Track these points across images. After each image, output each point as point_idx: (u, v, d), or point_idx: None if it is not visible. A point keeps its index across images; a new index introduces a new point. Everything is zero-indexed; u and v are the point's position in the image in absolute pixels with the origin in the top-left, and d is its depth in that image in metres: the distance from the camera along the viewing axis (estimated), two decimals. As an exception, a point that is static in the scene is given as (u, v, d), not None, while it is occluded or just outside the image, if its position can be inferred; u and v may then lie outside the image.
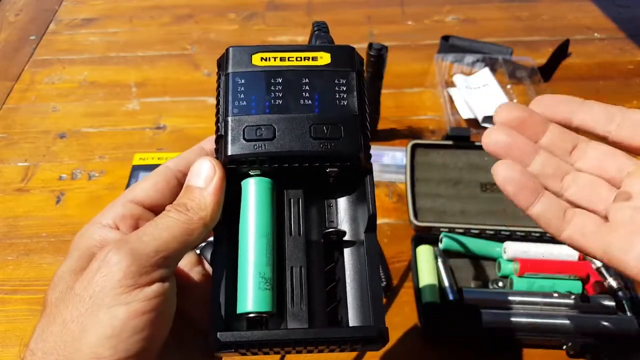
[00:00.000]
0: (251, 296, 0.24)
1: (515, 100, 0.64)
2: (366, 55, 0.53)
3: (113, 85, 0.70)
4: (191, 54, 0.75)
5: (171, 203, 0.25)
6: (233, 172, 0.25)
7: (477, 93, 0.64)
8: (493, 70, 0.67)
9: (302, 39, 0.76)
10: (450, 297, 0.46)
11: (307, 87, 0.26)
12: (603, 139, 0.26)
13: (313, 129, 0.25)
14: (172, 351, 0.24)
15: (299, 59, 0.27)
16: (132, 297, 0.21)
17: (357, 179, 0.26)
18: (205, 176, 0.25)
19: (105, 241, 0.24)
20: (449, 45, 0.71)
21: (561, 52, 0.70)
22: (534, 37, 0.77)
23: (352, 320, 0.26)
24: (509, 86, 0.66)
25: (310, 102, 0.26)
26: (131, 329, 0.20)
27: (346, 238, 0.27)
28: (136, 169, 0.57)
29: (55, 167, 0.59)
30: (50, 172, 0.59)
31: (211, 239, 0.26)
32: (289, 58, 0.27)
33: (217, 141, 0.26)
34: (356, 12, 0.81)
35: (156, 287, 0.21)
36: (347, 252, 0.27)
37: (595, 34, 0.77)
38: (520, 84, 0.67)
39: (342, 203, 0.28)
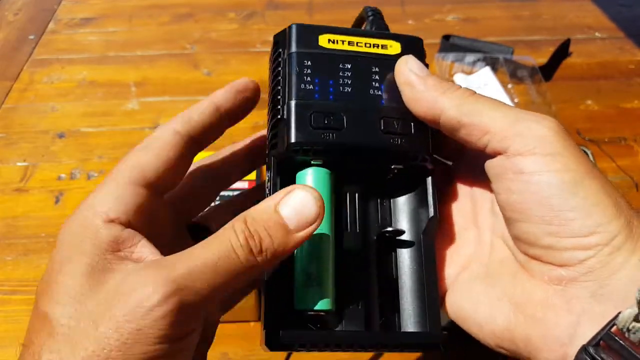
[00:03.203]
0: (311, 293, 0.23)
1: (516, 100, 0.64)
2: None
3: (112, 84, 0.70)
4: (191, 53, 0.75)
5: (184, 178, 0.23)
6: (291, 158, 0.24)
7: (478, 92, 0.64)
8: (494, 69, 0.67)
9: (302, 38, 0.76)
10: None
11: (376, 77, 0.25)
12: None
13: (384, 122, 0.24)
14: None
15: (368, 45, 0.25)
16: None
17: (417, 176, 0.25)
18: (303, 218, 0.20)
19: (120, 245, 0.20)
20: (449, 44, 0.71)
21: (562, 51, 0.70)
22: (534, 36, 0.76)
23: (407, 322, 0.25)
24: (510, 85, 0.66)
25: (379, 92, 0.24)
26: None
27: (403, 237, 0.26)
28: (136, 169, 0.57)
29: (54, 167, 0.59)
30: (49, 172, 0.59)
31: None
32: (357, 43, 0.25)
33: (274, 125, 0.24)
34: (357, 11, 0.81)
35: (187, 340, 0.19)
36: (404, 250, 0.26)
37: (596, 34, 0.77)
38: (521, 83, 0.67)
39: (401, 198, 0.27)
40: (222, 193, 0.29)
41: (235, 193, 0.37)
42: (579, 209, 0.20)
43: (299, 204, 0.20)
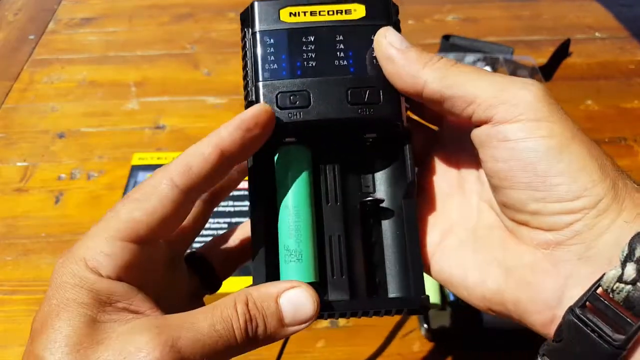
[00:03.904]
0: (293, 268, 0.23)
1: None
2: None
3: (112, 84, 0.70)
4: (191, 53, 0.75)
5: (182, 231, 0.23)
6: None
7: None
8: (494, 69, 0.67)
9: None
10: (451, 297, 0.46)
11: (341, 46, 0.24)
12: None
13: (350, 94, 0.24)
14: None
15: (330, 12, 0.25)
16: None
17: (395, 143, 0.26)
18: (299, 316, 0.21)
19: (118, 297, 0.20)
20: (449, 44, 0.71)
21: (562, 51, 0.70)
22: (535, 36, 0.76)
23: (391, 286, 0.25)
24: (509, 86, 0.66)
25: (345, 62, 0.24)
26: None
27: (384, 205, 0.26)
28: (135, 169, 0.57)
29: (54, 167, 0.59)
30: (49, 172, 0.59)
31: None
32: (320, 12, 0.25)
33: (247, 108, 0.24)
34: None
35: None
36: (385, 218, 0.26)
37: (596, 34, 0.77)
38: (521, 83, 0.67)
39: (380, 168, 0.27)
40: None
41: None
42: (564, 174, 0.20)
43: (298, 302, 0.21)
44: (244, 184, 0.31)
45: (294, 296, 0.21)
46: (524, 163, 0.21)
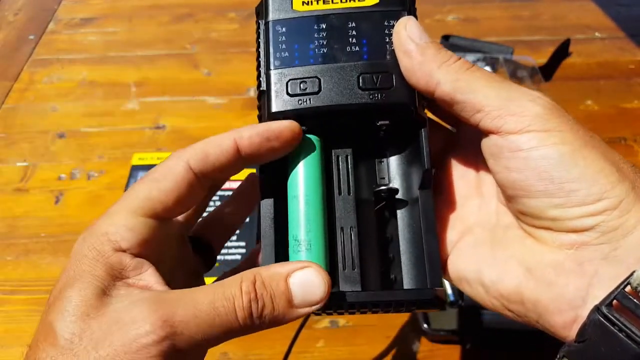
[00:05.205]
0: (301, 258, 0.23)
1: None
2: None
3: (112, 84, 0.70)
4: (191, 53, 0.75)
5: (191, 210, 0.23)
6: None
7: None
8: (494, 69, 0.67)
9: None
10: (451, 297, 0.46)
11: (353, 32, 0.24)
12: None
13: (361, 79, 0.23)
14: None
15: (343, 0, 0.24)
16: None
17: (410, 131, 0.25)
18: (309, 298, 0.20)
19: (130, 272, 0.21)
20: (449, 44, 0.71)
21: (562, 51, 0.70)
22: (534, 36, 0.76)
23: (407, 280, 0.25)
24: (509, 86, 0.66)
25: (357, 48, 0.24)
26: None
27: (399, 196, 0.26)
28: (135, 169, 0.57)
29: (55, 167, 0.59)
30: (49, 172, 0.59)
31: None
32: (332, 0, 0.24)
33: (259, 97, 0.24)
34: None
35: None
36: (400, 210, 0.26)
37: (596, 34, 0.77)
38: (521, 83, 0.67)
39: (394, 158, 0.26)
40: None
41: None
42: (582, 179, 0.20)
43: (309, 283, 0.20)
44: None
45: (304, 276, 0.20)
46: (538, 171, 0.21)
